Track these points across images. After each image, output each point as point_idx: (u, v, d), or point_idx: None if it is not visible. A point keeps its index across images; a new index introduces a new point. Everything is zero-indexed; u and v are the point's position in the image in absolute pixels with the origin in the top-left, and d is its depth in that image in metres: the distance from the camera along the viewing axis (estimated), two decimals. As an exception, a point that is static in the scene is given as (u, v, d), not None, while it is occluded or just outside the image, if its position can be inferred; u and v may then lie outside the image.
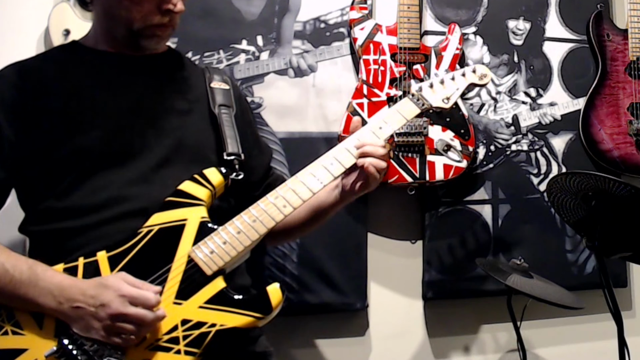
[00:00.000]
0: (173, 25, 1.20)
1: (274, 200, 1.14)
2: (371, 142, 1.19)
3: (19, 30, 1.72)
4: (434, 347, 1.95)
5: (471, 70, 1.35)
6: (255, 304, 1.07)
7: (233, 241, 1.10)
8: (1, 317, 1.03)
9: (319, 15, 1.91)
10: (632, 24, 2.07)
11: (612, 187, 1.42)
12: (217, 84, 1.32)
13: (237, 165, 1.22)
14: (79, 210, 1.10)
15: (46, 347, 1.00)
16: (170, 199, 1.12)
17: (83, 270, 1.05)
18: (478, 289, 1.92)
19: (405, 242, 1.95)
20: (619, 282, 2.04)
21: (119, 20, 1.16)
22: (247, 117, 1.39)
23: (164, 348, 1.03)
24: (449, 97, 1.30)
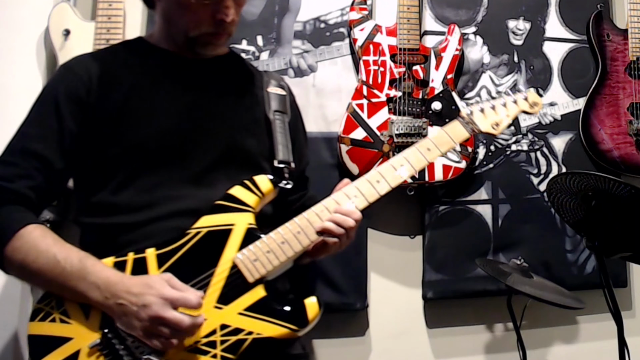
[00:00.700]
0: (228, 33, 1.22)
1: (319, 213, 1.15)
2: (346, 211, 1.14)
3: (19, 30, 1.72)
4: (434, 347, 1.95)
5: (523, 98, 1.34)
6: (293, 316, 1.08)
7: (277, 251, 1.11)
8: (51, 304, 1.06)
9: (319, 15, 1.91)
10: (632, 24, 2.07)
11: (612, 187, 1.42)
12: (274, 89, 1.34)
13: (287, 173, 1.23)
14: (131, 206, 1.12)
15: (90, 338, 1.02)
16: (220, 203, 1.14)
17: (132, 265, 1.07)
18: (478, 289, 1.92)
19: (404, 241, 1.95)
20: (619, 282, 2.04)
21: (177, 26, 1.19)
22: (299, 125, 1.41)
23: (201, 351, 1.04)
24: (499, 124, 1.30)
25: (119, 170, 1.13)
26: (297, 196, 1.34)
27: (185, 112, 1.19)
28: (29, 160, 1.10)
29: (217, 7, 1.15)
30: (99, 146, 1.14)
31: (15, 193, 1.08)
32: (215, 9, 1.15)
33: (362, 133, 1.79)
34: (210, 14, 1.15)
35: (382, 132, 1.80)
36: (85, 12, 1.77)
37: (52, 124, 1.13)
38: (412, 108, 1.82)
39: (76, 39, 1.67)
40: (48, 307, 1.05)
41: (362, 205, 1.16)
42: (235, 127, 1.23)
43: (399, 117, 1.81)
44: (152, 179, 1.14)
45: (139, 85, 1.18)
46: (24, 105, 1.63)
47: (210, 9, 1.15)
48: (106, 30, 1.67)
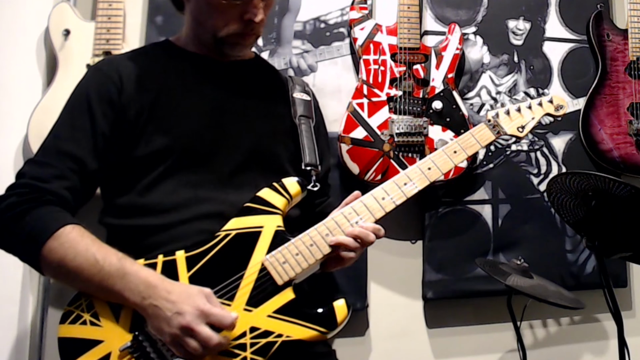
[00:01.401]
0: (256, 33, 1.22)
1: (347, 216, 1.15)
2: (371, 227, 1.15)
3: (19, 30, 1.72)
4: (434, 347, 1.95)
5: (548, 100, 1.35)
6: (322, 319, 1.09)
7: (305, 253, 1.12)
8: (81, 306, 1.06)
9: (319, 15, 1.91)
10: (632, 24, 2.07)
11: (612, 187, 1.42)
12: (299, 95, 1.35)
13: (314, 176, 1.25)
14: (158, 208, 1.13)
15: (121, 341, 1.03)
16: (249, 205, 1.15)
17: (162, 268, 1.08)
18: (478, 289, 1.92)
19: (405, 242, 1.95)
20: (619, 282, 2.04)
21: (205, 27, 1.20)
22: (322, 130, 1.42)
23: (231, 353, 1.04)
24: (524, 126, 1.31)
25: (147, 172, 1.14)
26: (320, 200, 1.35)
27: (212, 115, 1.20)
28: (63, 161, 1.11)
29: (246, 7, 1.16)
30: (127, 147, 1.15)
31: (52, 193, 1.08)
32: (244, 9, 1.16)
33: (363, 132, 1.79)
34: (239, 14, 1.16)
35: (383, 132, 1.80)
36: (85, 12, 1.76)
37: (84, 124, 1.14)
38: (412, 107, 1.82)
39: (76, 39, 1.66)
40: (79, 309, 1.06)
41: (389, 208, 1.17)
42: (261, 131, 1.24)
43: (400, 116, 1.81)
44: (180, 181, 1.14)
45: (167, 87, 1.19)
46: (24, 105, 1.65)
47: (239, 9, 1.16)
48: (106, 30, 1.67)
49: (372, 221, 1.16)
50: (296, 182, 1.18)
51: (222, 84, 1.24)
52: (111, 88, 1.16)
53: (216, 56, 1.25)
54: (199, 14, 1.21)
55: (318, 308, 1.10)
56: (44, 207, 1.06)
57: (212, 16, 1.17)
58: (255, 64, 1.35)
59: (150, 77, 1.19)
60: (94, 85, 1.17)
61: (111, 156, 1.15)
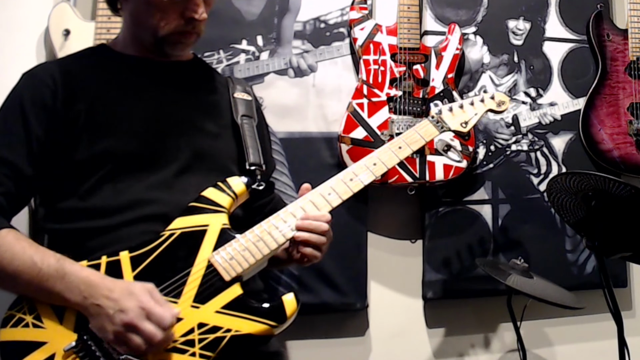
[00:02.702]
0: (197, 32, 1.21)
1: (293, 212, 1.15)
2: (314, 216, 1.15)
3: (19, 30, 1.72)
4: (434, 347, 1.95)
5: (490, 97, 1.39)
6: (271, 313, 1.09)
7: (252, 249, 1.12)
8: (23, 309, 1.05)
9: (319, 15, 1.91)
10: (632, 24, 2.07)
11: (612, 187, 1.42)
12: (240, 95, 1.34)
13: (259, 175, 1.24)
14: (101, 211, 1.12)
15: (66, 341, 1.01)
16: (193, 204, 1.14)
17: (106, 268, 1.07)
18: (478, 289, 1.92)
19: (405, 241, 1.95)
20: (619, 282, 2.04)
21: (145, 27, 1.19)
22: (264, 130, 1.42)
23: (179, 350, 1.04)
24: (467, 122, 1.35)
25: (88, 176, 1.13)
26: (267, 200, 1.35)
27: (154, 117, 1.19)
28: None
29: (187, 5, 1.15)
30: (66, 152, 1.13)
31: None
32: (185, 7, 1.15)
33: (363, 132, 1.79)
34: (179, 12, 1.16)
35: (383, 132, 1.80)
36: (85, 12, 1.76)
37: (18, 130, 1.12)
38: (412, 107, 1.82)
39: (76, 39, 1.66)
40: (20, 312, 1.04)
41: (335, 203, 1.18)
42: (203, 131, 1.23)
43: (400, 116, 1.81)
44: (122, 184, 1.13)
45: (105, 91, 1.17)
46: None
47: (180, 7, 1.15)
48: (106, 30, 1.67)
49: None
50: (241, 181, 1.18)
51: (162, 85, 1.23)
52: (46, 93, 1.14)
53: (155, 57, 1.23)
54: (139, 14, 1.19)
55: (266, 302, 1.10)
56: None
57: (152, 15, 1.16)
58: (195, 65, 1.33)
59: (86, 81, 1.18)
60: (28, 91, 1.15)
61: (48, 161, 1.13)
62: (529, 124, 2.04)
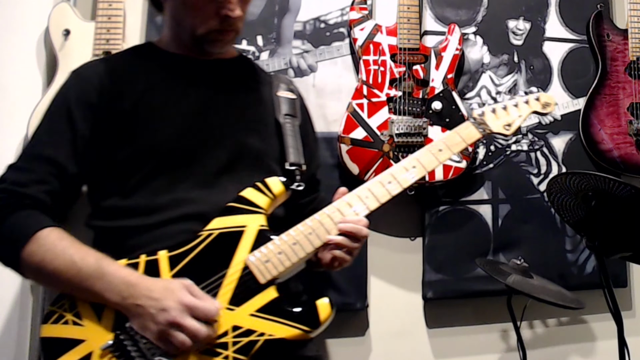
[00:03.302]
0: (235, 29, 1.22)
1: (330, 214, 1.15)
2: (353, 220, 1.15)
3: (19, 30, 1.72)
4: (434, 347, 1.95)
5: (534, 98, 1.33)
6: (304, 317, 1.09)
7: (288, 252, 1.12)
8: (64, 306, 1.07)
9: (319, 15, 1.91)
10: (632, 24, 2.07)
11: (612, 187, 1.42)
12: (284, 93, 1.34)
13: (298, 175, 1.24)
14: (141, 209, 1.13)
15: (103, 340, 1.03)
16: (232, 205, 1.14)
17: (144, 267, 1.08)
18: (478, 289, 1.92)
19: (404, 239, 1.95)
20: (619, 282, 2.04)
21: (183, 26, 1.20)
22: (309, 128, 1.41)
23: (213, 352, 1.04)
24: (511, 124, 1.29)
25: (130, 174, 1.14)
26: (310, 199, 1.35)
27: (196, 116, 1.20)
28: (43, 165, 1.11)
29: (222, 3, 1.16)
30: (110, 150, 1.15)
31: (30, 197, 1.09)
32: (221, 5, 1.16)
33: (362, 133, 1.79)
34: (215, 10, 1.16)
35: (383, 132, 1.80)
36: (85, 12, 1.76)
37: (64, 129, 1.14)
38: (412, 108, 1.82)
39: (76, 39, 1.66)
40: (61, 309, 1.06)
41: (373, 206, 1.17)
42: (245, 130, 1.23)
43: (399, 116, 1.81)
44: (163, 182, 1.14)
45: (149, 89, 1.19)
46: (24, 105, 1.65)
47: (216, 5, 1.16)
48: (106, 30, 1.67)
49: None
50: (279, 181, 1.17)
51: (205, 83, 1.24)
52: (91, 92, 1.16)
53: (198, 55, 1.24)
54: (177, 14, 1.21)
55: (301, 307, 1.10)
56: (22, 212, 1.07)
57: (189, 14, 1.17)
58: (239, 62, 1.34)
59: (131, 80, 1.19)
60: (74, 90, 1.17)
61: (92, 159, 1.15)
62: (529, 124, 2.04)
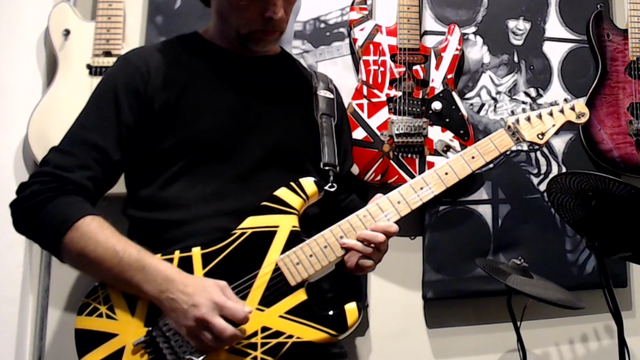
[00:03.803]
0: (279, 29, 1.22)
1: (362, 218, 1.15)
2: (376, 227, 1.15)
3: (19, 30, 1.72)
4: (434, 347, 1.95)
5: (569, 107, 1.31)
6: (333, 321, 1.09)
7: (319, 255, 1.12)
8: (98, 299, 1.08)
9: (319, 15, 1.91)
10: (632, 24, 2.07)
11: (612, 187, 1.42)
12: (322, 92, 1.35)
13: (332, 176, 1.24)
14: (177, 202, 1.14)
15: (135, 335, 1.05)
16: (266, 204, 1.15)
17: (178, 263, 1.09)
18: (478, 289, 1.92)
19: (404, 238, 1.95)
20: (619, 282, 2.03)
21: (229, 23, 1.22)
22: (344, 127, 1.42)
23: (242, 352, 1.05)
24: (544, 133, 1.27)
25: (168, 165, 1.15)
26: (342, 197, 1.35)
27: (235, 110, 1.21)
28: (87, 150, 1.12)
29: (266, 5, 1.16)
30: (151, 140, 1.15)
31: (74, 183, 1.09)
32: (264, 7, 1.16)
33: (362, 133, 1.79)
34: (259, 12, 1.17)
35: (382, 132, 1.80)
36: (85, 12, 1.76)
37: (110, 115, 1.15)
38: (412, 108, 1.82)
39: (76, 39, 1.67)
40: (95, 302, 1.08)
41: (405, 212, 1.18)
42: (284, 128, 1.24)
43: (399, 117, 1.81)
44: (200, 175, 1.15)
45: (194, 81, 1.20)
46: (24, 105, 1.65)
47: (259, 7, 1.17)
48: (106, 30, 1.67)
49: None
50: (313, 182, 1.18)
51: (247, 79, 1.25)
52: (138, 80, 1.17)
53: (242, 51, 1.26)
54: (222, 12, 1.22)
55: (329, 310, 1.10)
56: (65, 197, 1.08)
57: (234, 14, 1.19)
58: (281, 60, 1.35)
59: (177, 71, 1.20)
60: (122, 76, 1.18)
61: (135, 148, 1.16)
62: (529, 124, 2.04)
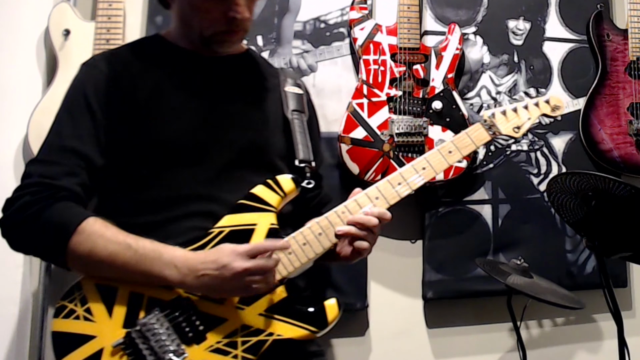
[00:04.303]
0: (243, 29, 1.21)
1: (340, 215, 1.15)
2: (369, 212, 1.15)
3: (19, 30, 1.72)
4: (434, 347, 1.95)
5: (544, 101, 1.33)
6: (313, 318, 1.09)
7: (298, 252, 1.12)
8: (75, 301, 1.06)
9: (319, 15, 1.91)
10: (632, 24, 2.07)
11: (612, 187, 1.42)
12: (291, 88, 1.33)
13: (308, 172, 1.23)
14: (150, 205, 1.13)
15: (114, 336, 1.03)
16: (243, 202, 1.14)
17: None
18: (478, 289, 1.92)
19: (405, 241, 1.95)
20: (619, 282, 2.04)
21: (191, 26, 1.20)
22: (314, 123, 1.41)
23: (222, 351, 1.05)
24: (520, 127, 1.29)
25: (141, 169, 1.14)
26: (313, 194, 1.34)
27: (204, 112, 1.19)
28: (70, 158, 1.10)
29: (228, 5, 1.15)
30: (123, 143, 1.14)
31: (66, 189, 1.08)
32: (227, 7, 1.15)
33: (363, 132, 1.79)
34: (221, 13, 1.15)
35: (383, 132, 1.80)
36: (85, 12, 1.76)
37: (85, 121, 1.13)
38: (412, 107, 1.82)
39: (76, 39, 1.66)
40: (72, 304, 1.06)
41: (383, 207, 1.17)
42: (253, 126, 1.23)
43: (400, 116, 1.81)
44: (173, 178, 1.14)
45: (160, 84, 1.18)
46: (24, 105, 1.65)
47: (222, 8, 1.15)
48: (106, 30, 1.67)
49: None
50: (291, 179, 1.17)
51: (214, 79, 1.23)
52: (105, 81, 1.15)
53: (206, 52, 1.24)
54: (184, 14, 1.20)
55: (309, 307, 1.10)
56: (61, 203, 1.06)
57: (196, 16, 1.17)
58: (247, 58, 1.33)
59: (143, 73, 1.19)
60: (91, 82, 1.16)
61: (112, 152, 1.15)
62: (529, 124, 2.04)
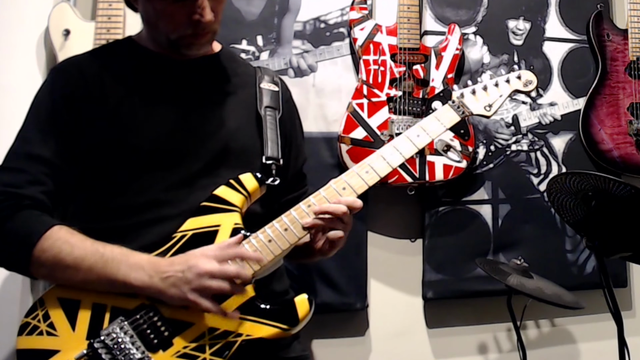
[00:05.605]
0: (210, 30, 1.17)
1: (306, 209, 1.12)
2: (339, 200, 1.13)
3: (19, 30, 1.72)
4: (434, 347, 1.95)
5: (516, 77, 1.31)
6: (282, 315, 1.07)
7: (264, 249, 1.09)
8: (37, 317, 1.05)
9: (319, 15, 1.91)
10: (632, 24, 2.07)
11: (612, 187, 1.42)
12: (267, 85, 1.31)
13: (274, 170, 1.21)
14: (120, 211, 1.12)
15: (77, 349, 1.02)
16: (205, 204, 1.12)
17: None
18: (478, 289, 1.92)
19: (404, 240, 1.95)
20: (619, 282, 2.04)
21: (157, 30, 1.17)
22: (295, 121, 1.38)
23: (190, 356, 1.03)
24: (491, 105, 1.27)
25: (109, 175, 1.12)
26: (297, 194, 1.32)
27: (175, 117, 1.18)
28: (35, 165, 1.09)
29: (192, 8, 1.11)
30: (92, 149, 1.12)
31: (30, 198, 1.07)
32: (190, 11, 1.11)
33: (363, 132, 1.79)
34: (186, 16, 1.12)
35: (383, 132, 1.80)
36: (85, 12, 1.76)
37: (52, 127, 1.12)
38: (412, 107, 1.82)
39: (76, 39, 1.67)
40: (35, 320, 1.05)
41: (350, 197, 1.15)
42: (229, 127, 1.21)
43: (400, 116, 1.81)
44: (143, 183, 1.12)
45: (130, 88, 1.16)
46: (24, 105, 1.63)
47: (186, 11, 1.11)
48: (106, 30, 1.67)
49: None
50: (252, 177, 1.14)
51: (186, 82, 1.21)
52: (73, 86, 1.14)
53: (176, 55, 1.21)
54: (149, 18, 1.18)
55: (278, 305, 1.08)
56: (25, 212, 1.05)
57: (161, 20, 1.14)
58: (220, 58, 1.29)
59: (114, 77, 1.17)
60: (59, 87, 1.15)
61: (79, 158, 1.13)
62: (529, 124, 2.04)
